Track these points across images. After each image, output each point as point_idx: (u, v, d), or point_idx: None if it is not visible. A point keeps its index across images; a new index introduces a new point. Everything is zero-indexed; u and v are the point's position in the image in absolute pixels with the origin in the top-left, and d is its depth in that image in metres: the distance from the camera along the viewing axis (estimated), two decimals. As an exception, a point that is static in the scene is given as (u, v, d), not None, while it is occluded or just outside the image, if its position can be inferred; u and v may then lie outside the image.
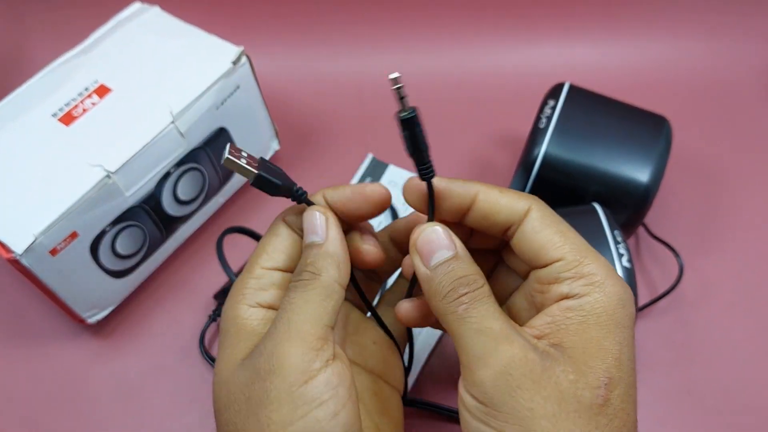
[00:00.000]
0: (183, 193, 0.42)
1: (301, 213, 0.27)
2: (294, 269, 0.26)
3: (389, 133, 0.54)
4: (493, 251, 0.30)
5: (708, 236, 0.47)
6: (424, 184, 0.26)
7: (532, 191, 0.42)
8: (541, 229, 0.25)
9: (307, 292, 0.24)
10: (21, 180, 0.37)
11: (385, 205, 0.27)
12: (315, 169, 0.51)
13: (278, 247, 0.26)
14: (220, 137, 0.43)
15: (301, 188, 0.27)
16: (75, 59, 0.42)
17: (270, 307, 0.26)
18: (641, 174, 0.39)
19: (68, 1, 0.56)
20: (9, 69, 0.55)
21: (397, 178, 0.49)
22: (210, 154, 0.42)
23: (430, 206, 0.26)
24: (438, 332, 0.41)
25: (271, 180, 0.26)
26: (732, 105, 0.55)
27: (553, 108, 0.42)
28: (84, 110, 0.39)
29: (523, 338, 0.23)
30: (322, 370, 0.23)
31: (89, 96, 0.40)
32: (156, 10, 0.45)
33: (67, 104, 0.40)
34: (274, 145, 0.49)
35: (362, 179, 0.49)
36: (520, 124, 0.48)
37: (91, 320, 0.41)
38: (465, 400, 0.23)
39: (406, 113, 0.24)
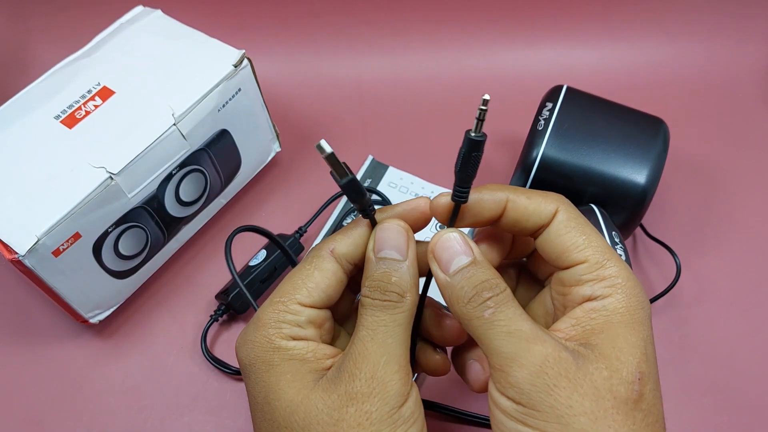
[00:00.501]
0: (185, 194, 0.42)
1: (352, 244, 0.27)
2: (326, 305, 0.26)
3: (389, 135, 0.54)
4: (516, 265, 0.31)
5: (705, 236, 0.47)
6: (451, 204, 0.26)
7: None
8: (566, 232, 0.25)
9: (396, 314, 0.24)
10: (24, 181, 0.37)
11: (429, 216, 0.27)
12: (315, 170, 0.51)
13: (320, 284, 0.26)
14: (221, 139, 0.43)
15: (374, 205, 0.27)
16: (78, 62, 0.43)
17: (306, 340, 0.26)
18: (639, 175, 0.40)
19: (71, 5, 0.56)
20: (12, 71, 0.56)
21: (396, 179, 0.50)
22: (212, 155, 0.43)
23: (451, 223, 0.27)
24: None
25: (360, 188, 0.25)
26: (729, 106, 0.55)
27: (551, 110, 0.42)
28: (87, 112, 0.40)
29: (554, 338, 0.23)
30: (411, 391, 0.24)
31: (92, 98, 0.40)
32: (158, 14, 0.45)
33: (69, 106, 0.40)
34: (275, 147, 0.50)
35: (362, 180, 0.50)
36: (519, 126, 0.48)
37: (94, 320, 0.41)
38: (499, 402, 0.23)
39: (478, 135, 0.25)
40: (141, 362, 0.42)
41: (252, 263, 0.44)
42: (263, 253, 0.44)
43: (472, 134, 0.25)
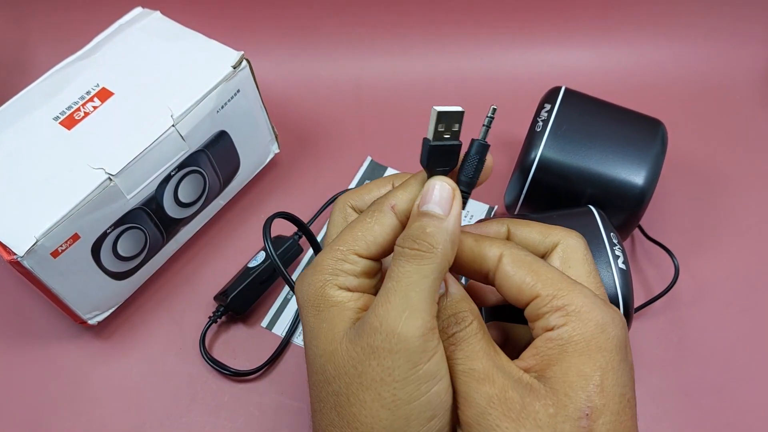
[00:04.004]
0: (184, 195, 0.42)
1: (412, 200, 0.26)
2: (382, 257, 0.26)
3: (388, 136, 0.54)
4: None
5: (703, 237, 0.48)
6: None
7: (529, 194, 0.42)
8: (514, 273, 0.25)
9: (423, 266, 0.24)
10: (23, 182, 0.37)
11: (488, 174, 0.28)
12: (314, 171, 0.51)
13: (378, 238, 0.26)
14: (220, 140, 0.43)
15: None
16: (77, 63, 0.43)
17: (353, 291, 0.26)
18: (637, 177, 0.40)
19: (70, 6, 0.56)
20: (11, 72, 0.56)
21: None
22: (211, 157, 0.43)
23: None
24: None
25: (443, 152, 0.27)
26: (726, 108, 0.55)
27: (550, 111, 0.42)
28: (86, 114, 0.40)
29: (506, 376, 0.23)
30: (437, 347, 0.23)
31: (91, 99, 0.40)
32: (157, 15, 0.45)
33: (68, 107, 0.40)
34: (274, 149, 0.50)
35: (361, 182, 0.50)
36: (517, 128, 0.48)
37: (93, 321, 0.41)
38: None
39: (484, 142, 0.27)
40: (139, 363, 0.42)
41: (251, 265, 0.44)
42: (262, 255, 0.44)
43: (480, 141, 0.26)
